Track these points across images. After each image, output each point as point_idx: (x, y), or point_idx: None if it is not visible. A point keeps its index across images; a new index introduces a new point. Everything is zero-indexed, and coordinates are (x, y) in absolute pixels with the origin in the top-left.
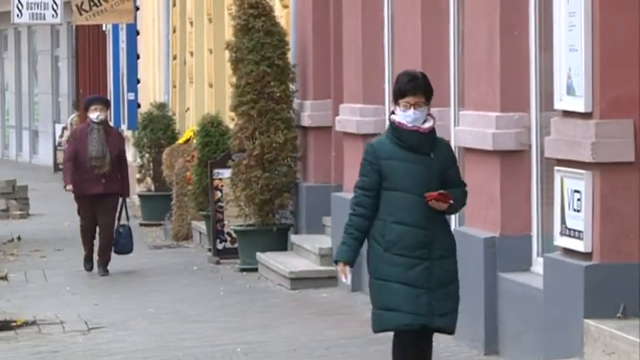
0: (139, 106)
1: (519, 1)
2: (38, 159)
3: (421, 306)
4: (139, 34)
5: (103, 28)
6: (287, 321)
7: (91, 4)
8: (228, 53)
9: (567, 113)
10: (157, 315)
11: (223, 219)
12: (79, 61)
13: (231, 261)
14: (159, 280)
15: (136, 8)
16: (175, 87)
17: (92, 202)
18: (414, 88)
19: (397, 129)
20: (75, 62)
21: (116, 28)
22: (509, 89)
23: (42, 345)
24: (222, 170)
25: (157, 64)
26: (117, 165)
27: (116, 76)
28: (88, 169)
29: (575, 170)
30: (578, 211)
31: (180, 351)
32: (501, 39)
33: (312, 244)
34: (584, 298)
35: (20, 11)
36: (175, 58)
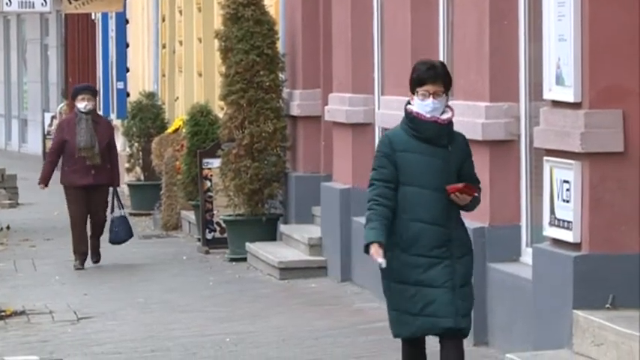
0: (128, 95)
1: None
2: (27, 148)
3: (444, 307)
4: (128, 22)
5: (92, 17)
6: (276, 311)
7: None
8: (217, 42)
9: (556, 103)
10: (146, 305)
11: (212, 209)
12: (68, 50)
13: (221, 251)
14: (148, 270)
15: None
16: (164, 76)
17: (82, 193)
18: (433, 76)
19: (414, 119)
20: (64, 51)
21: (105, 16)
22: (498, 79)
23: (31, 335)
24: (211, 160)
25: (146, 53)
26: (107, 155)
27: (105, 65)
28: (77, 160)
29: (564, 160)
30: (568, 201)
31: (169, 341)
32: (491, 28)
33: (302, 234)
34: (573, 288)
35: (9, 0)
36: (165, 47)
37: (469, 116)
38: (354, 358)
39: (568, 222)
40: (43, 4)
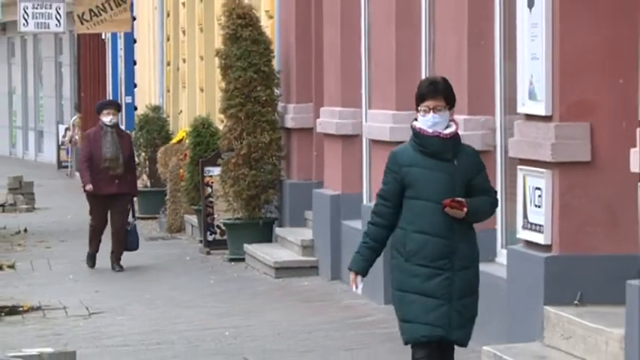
0: (135, 108)
1: (485, 14)
2: (43, 157)
3: (439, 317)
4: (135, 42)
5: (103, 37)
6: (272, 307)
7: (92, 14)
8: (217, 60)
9: (529, 116)
10: (152, 301)
11: (213, 213)
12: (80, 67)
13: (221, 252)
14: (154, 269)
15: (133, 18)
16: (169, 91)
17: (105, 201)
18: (433, 91)
19: (418, 135)
20: (77, 68)
21: (115, 36)
22: (476, 94)
23: (47, 328)
24: (212, 168)
25: (152, 69)
26: (128, 166)
27: (115, 81)
28: (102, 170)
29: (536, 169)
30: (539, 206)
31: (173, 334)
32: (469, 48)
33: (295, 236)
34: (544, 286)
35: (26, 20)
36: (169, 64)
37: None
38: (344, 350)
39: (540, 225)
40: (57, 25)
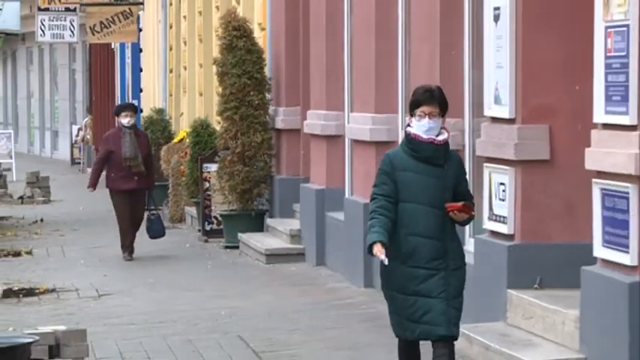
0: (141, 111)
1: (455, 26)
2: (58, 154)
3: (438, 316)
4: (141, 51)
5: (112, 46)
6: (263, 290)
7: (102, 26)
8: (215, 68)
9: (495, 119)
10: (155, 284)
11: (211, 205)
12: (92, 74)
13: (217, 240)
14: (157, 255)
15: (139, 30)
16: (171, 95)
17: (126, 196)
18: (428, 98)
19: (412, 140)
20: (88, 74)
21: (123, 46)
22: (447, 99)
23: (60, 308)
24: (210, 165)
25: (156, 76)
26: (146, 163)
27: (122, 86)
28: (122, 168)
29: (500, 166)
30: (503, 200)
31: (174, 314)
32: (441, 57)
33: (284, 226)
34: (507, 272)
35: (43, 32)
36: (171, 71)
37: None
38: (328, 328)
39: (504, 217)
40: (71, 36)
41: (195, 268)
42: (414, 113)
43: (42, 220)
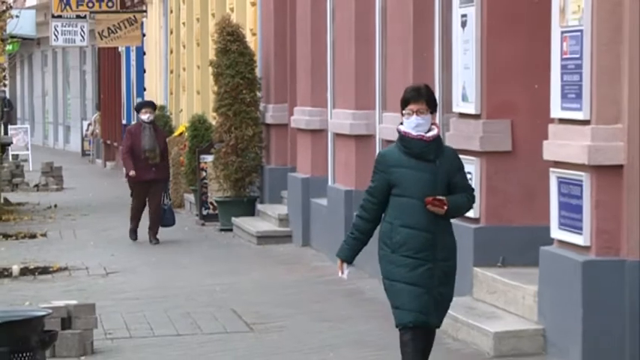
0: None
1: (427, 31)
2: (70, 147)
3: (424, 305)
4: (145, 54)
5: (119, 50)
6: (254, 268)
7: (109, 31)
8: (211, 69)
9: (462, 115)
10: (157, 263)
11: (207, 192)
12: (100, 74)
13: (213, 223)
14: (159, 237)
15: (143, 35)
16: (172, 94)
17: (144, 186)
18: (416, 96)
19: (403, 137)
20: (97, 75)
21: (128, 49)
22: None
23: (72, 285)
24: (206, 156)
25: (158, 76)
26: (163, 155)
27: (128, 85)
28: (142, 160)
29: (468, 157)
30: None
31: (175, 289)
32: (414, 60)
33: (273, 211)
34: (474, 251)
35: (56, 37)
36: (172, 72)
37: (397, 124)
38: (312, 302)
39: None
40: (81, 40)
41: (193, 249)
42: (404, 111)
43: (55, 205)
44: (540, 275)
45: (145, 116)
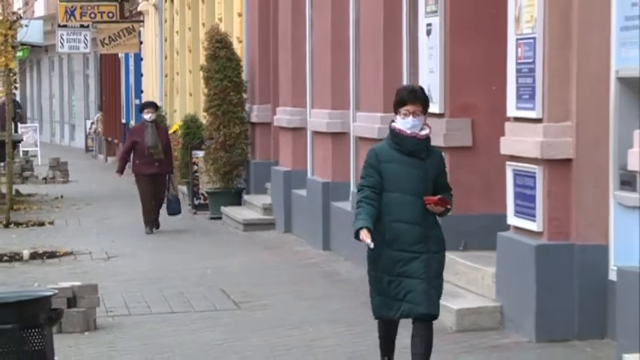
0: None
1: (395, 39)
2: (75, 144)
3: (419, 295)
4: (142, 59)
5: (119, 56)
6: (241, 252)
7: (110, 39)
8: (202, 73)
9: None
10: (154, 248)
11: (199, 184)
12: (102, 78)
13: (204, 212)
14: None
15: (140, 42)
16: (167, 95)
17: (149, 179)
18: (413, 97)
19: (397, 135)
20: (99, 79)
21: (127, 55)
22: (389, 97)
23: (77, 268)
24: (198, 151)
25: (154, 80)
26: (165, 151)
27: (127, 88)
28: (145, 156)
29: None
30: None
31: (169, 272)
32: (384, 65)
33: (258, 201)
34: None
35: (62, 44)
36: (166, 76)
37: (369, 122)
38: (294, 283)
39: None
40: (85, 47)
41: (185, 235)
42: (399, 111)
43: (62, 196)
44: (498, 258)
45: (147, 115)
